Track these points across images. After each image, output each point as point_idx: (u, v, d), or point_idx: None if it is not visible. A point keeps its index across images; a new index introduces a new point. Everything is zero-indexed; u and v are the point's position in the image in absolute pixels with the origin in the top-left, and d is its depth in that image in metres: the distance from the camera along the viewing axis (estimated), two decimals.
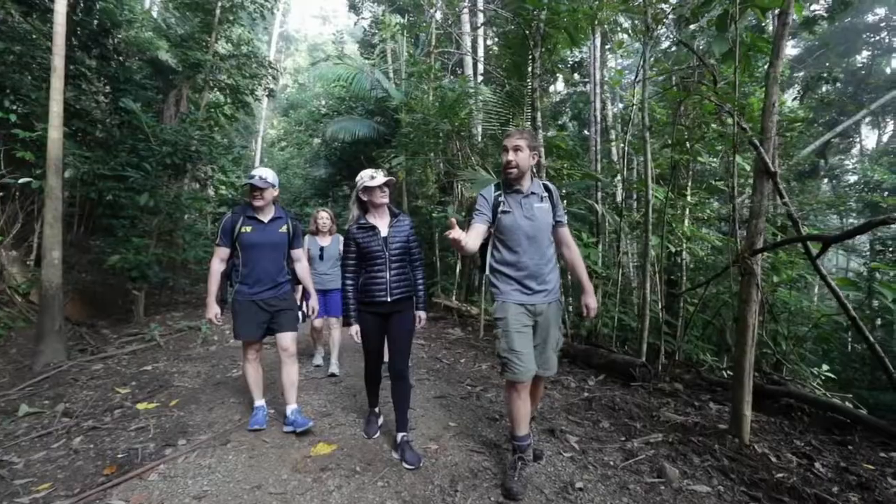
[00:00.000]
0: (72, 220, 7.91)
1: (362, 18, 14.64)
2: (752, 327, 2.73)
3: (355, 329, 2.54)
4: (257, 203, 2.75)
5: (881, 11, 18.90)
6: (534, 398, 2.45)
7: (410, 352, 2.80)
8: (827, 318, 4.82)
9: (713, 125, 3.95)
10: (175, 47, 8.41)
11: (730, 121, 3.15)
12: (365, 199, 2.56)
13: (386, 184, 2.52)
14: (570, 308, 6.22)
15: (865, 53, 19.08)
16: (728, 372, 5.08)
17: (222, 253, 2.80)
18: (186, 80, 8.63)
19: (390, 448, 2.62)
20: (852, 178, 15.96)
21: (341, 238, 4.42)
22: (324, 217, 4.26)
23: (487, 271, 2.38)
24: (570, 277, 5.95)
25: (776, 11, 4.08)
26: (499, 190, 2.35)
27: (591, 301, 2.39)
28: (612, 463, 2.51)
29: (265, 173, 2.77)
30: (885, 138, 19.36)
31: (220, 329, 5.92)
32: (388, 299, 2.53)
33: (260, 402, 3.00)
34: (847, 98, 15.09)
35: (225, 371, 4.22)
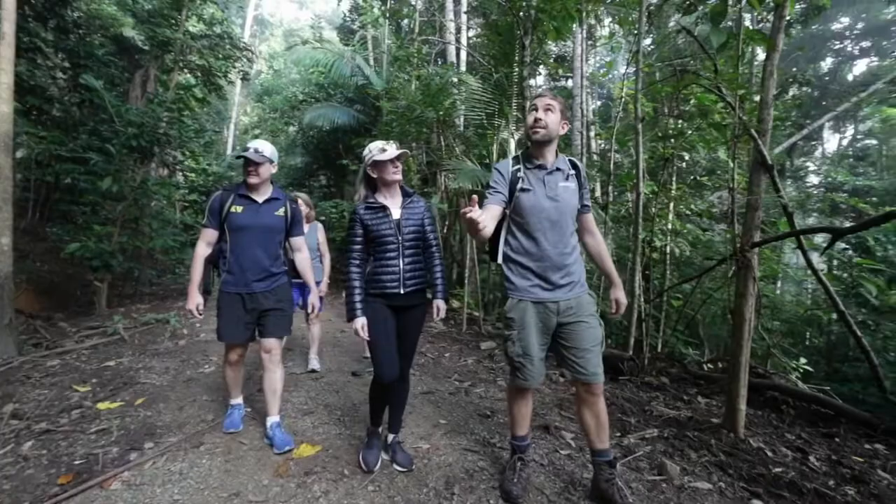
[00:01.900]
0: (25, 205, 7.35)
1: (341, 3, 14.19)
2: (748, 321, 2.70)
3: (361, 323, 2.11)
4: (252, 180, 2.42)
5: (845, 20, 19.71)
6: (599, 422, 1.99)
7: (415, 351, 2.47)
8: (806, 311, 4.91)
9: (716, 116, 3.92)
10: (142, 24, 7.90)
11: (729, 112, 3.10)
12: (374, 175, 2.20)
13: (399, 157, 2.16)
14: None
15: (830, 60, 19.85)
16: (709, 365, 5.14)
17: (209, 235, 2.46)
18: (154, 60, 8.13)
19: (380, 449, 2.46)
20: (815, 179, 16.60)
21: (320, 226, 4.20)
22: (299, 203, 4.02)
23: (500, 260, 2.06)
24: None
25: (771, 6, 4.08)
26: (517, 164, 2.01)
27: (621, 295, 2.08)
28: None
29: (262, 146, 2.46)
30: (844, 142, 20.22)
31: (190, 322, 5.60)
32: (402, 291, 2.17)
33: (237, 399, 2.73)
34: (812, 102, 15.65)
35: (196, 367, 3.96)
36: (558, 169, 2.00)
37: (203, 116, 12.77)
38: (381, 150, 2.16)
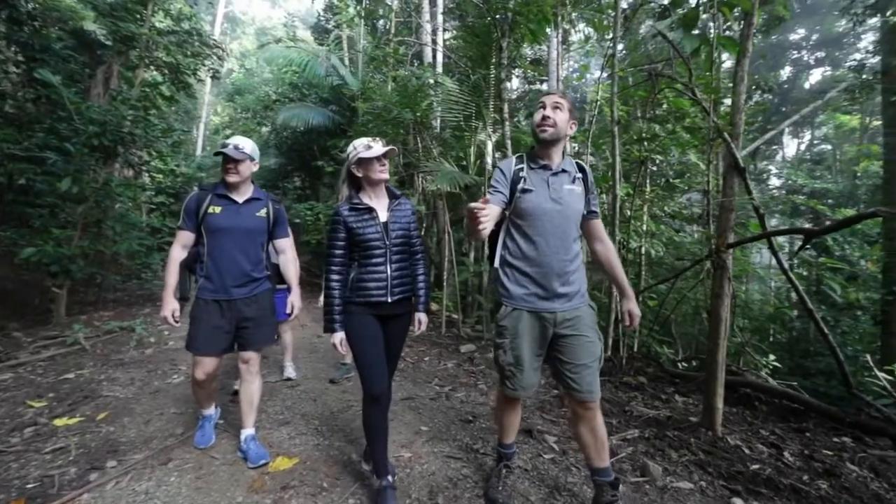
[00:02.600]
0: None
1: (315, 2, 13.97)
2: (724, 321, 2.75)
3: (339, 338, 1.97)
4: (231, 178, 2.26)
5: (802, 31, 20.73)
6: (598, 440, 1.88)
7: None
8: (776, 309, 5.08)
9: (689, 120, 4.01)
10: (103, 17, 7.53)
11: (703, 116, 3.17)
12: (359, 174, 2.03)
13: (386, 154, 2.02)
14: None
15: (789, 69, 20.84)
16: (684, 364, 5.26)
17: (184, 238, 2.29)
18: (118, 56, 7.75)
19: (359, 458, 2.38)
20: (777, 182, 17.35)
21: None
22: None
23: (496, 264, 1.95)
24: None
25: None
26: (521, 163, 1.90)
27: (634, 307, 1.94)
28: None
29: (242, 142, 2.31)
30: (802, 147, 21.22)
31: (158, 329, 5.36)
32: (389, 300, 2.00)
33: (209, 410, 2.57)
34: (773, 108, 16.37)
35: (164, 377, 3.77)
36: (564, 171, 1.90)
37: (171, 115, 12.29)
38: (366, 146, 2.01)
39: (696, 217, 5.99)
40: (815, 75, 20.75)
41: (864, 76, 9.05)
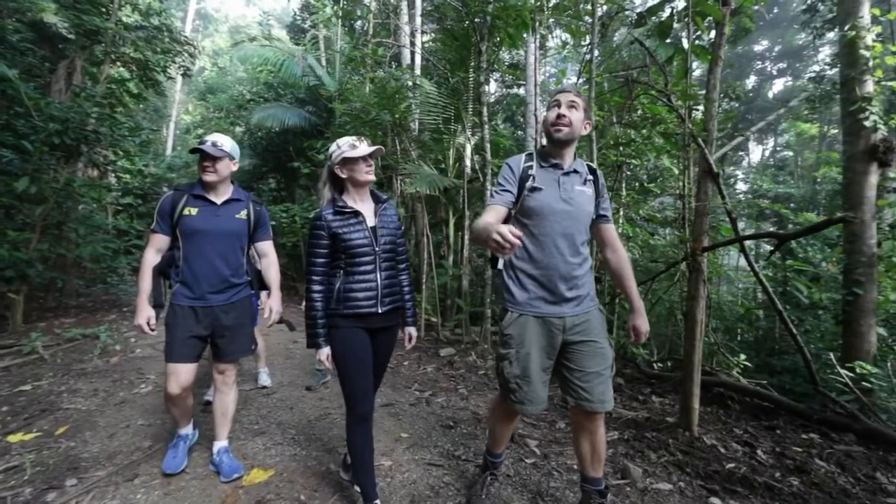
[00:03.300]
0: None
1: (291, 1, 13.75)
2: (700, 323, 2.81)
3: (326, 353, 1.83)
4: (208, 177, 2.12)
5: (765, 43, 21.70)
6: (596, 451, 1.83)
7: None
8: (747, 311, 5.24)
9: (669, 125, 4.10)
10: (65, 10, 7.19)
11: (678, 122, 3.24)
12: (343, 175, 1.89)
13: (372, 154, 1.89)
14: None
15: (754, 78, 21.76)
16: (659, 364, 5.37)
17: (158, 241, 2.15)
18: (81, 50, 7.42)
19: (337, 467, 2.32)
20: (744, 186, 18.03)
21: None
22: None
23: (500, 266, 1.84)
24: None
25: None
26: (530, 161, 1.81)
27: (642, 322, 1.83)
28: (575, 467, 2.42)
29: (221, 139, 2.18)
30: (766, 153, 22.15)
31: (124, 336, 5.12)
32: (379, 310, 1.87)
33: (185, 429, 2.35)
34: (739, 116, 17.03)
35: (130, 387, 3.60)
36: (576, 171, 1.82)
37: (139, 114, 11.88)
38: (351, 145, 1.88)
39: (670, 220, 6.13)
40: (778, 85, 21.75)
41: (822, 87, 9.49)
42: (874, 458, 2.73)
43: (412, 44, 9.71)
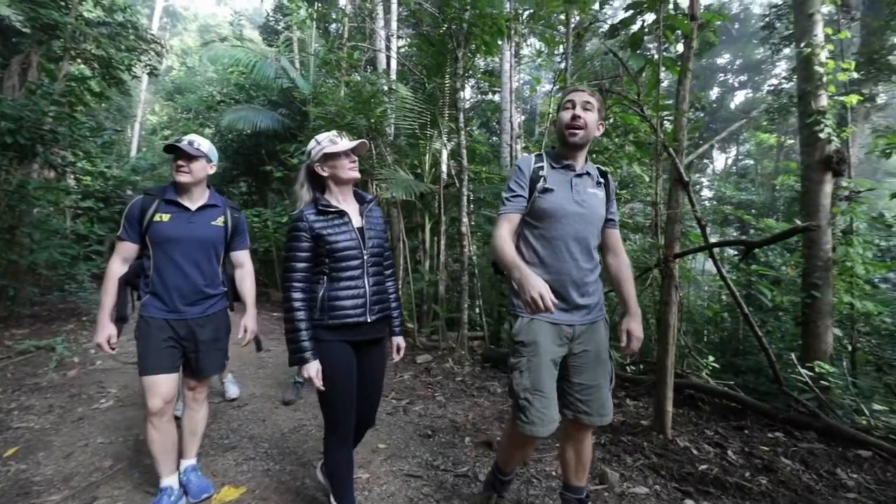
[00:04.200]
0: None
1: (264, 2, 13.49)
2: (672, 327, 2.88)
3: (315, 369, 1.64)
4: (182, 178, 1.96)
5: (727, 56, 22.75)
6: (581, 461, 1.80)
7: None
8: (716, 314, 5.42)
9: (642, 134, 4.21)
10: (19, 2, 6.82)
11: (649, 130, 3.32)
12: (324, 172, 1.76)
13: (355, 149, 1.77)
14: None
15: (717, 89, 22.76)
16: (632, 367, 5.48)
17: (125, 250, 1.98)
18: (38, 45, 7.04)
19: (312, 482, 2.25)
20: (709, 193, 18.77)
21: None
22: None
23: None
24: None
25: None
26: (541, 161, 1.73)
27: (636, 327, 1.72)
28: (553, 473, 2.43)
29: (198, 140, 2.04)
30: (729, 161, 23.13)
31: (84, 348, 4.85)
32: (368, 319, 1.75)
33: (168, 479, 2.03)
34: (704, 126, 17.75)
35: (90, 402, 3.40)
36: (588, 173, 1.75)
37: (101, 113, 11.38)
38: (331, 140, 1.75)
39: (641, 227, 6.30)
40: (740, 96, 22.80)
41: (780, 99, 10.01)
42: (834, 455, 2.85)
43: (388, 48, 9.69)
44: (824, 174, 4.75)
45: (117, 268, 1.98)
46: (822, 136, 4.68)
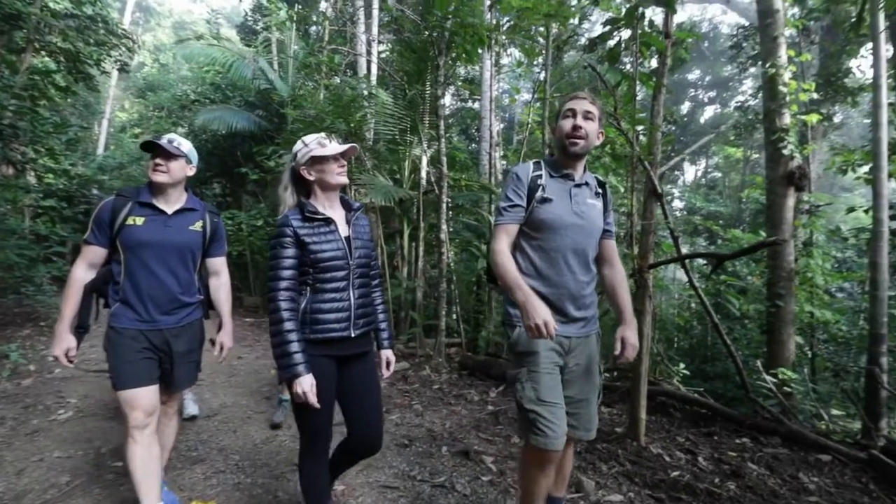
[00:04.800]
0: None
1: (243, 1, 13.27)
2: (647, 336, 2.94)
3: (309, 383, 1.52)
4: (159, 178, 1.82)
5: (697, 72, 23.68)
6: (562, 472, 1.78)
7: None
8: (686, 322, 5.57)
9: (618, 147, 4.31)
10: None
11: (625, 142, 3.41)
12: (311, 176, 1.66)
13: (345, 153, 1.69)
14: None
15: (688, 104, 23.62)
16: (606, 374, 5.57)
17: (92, 254, 1.83)
18: None
19: (285, 495, 2.19)
20: (679, 204, 19.39)
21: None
22: None
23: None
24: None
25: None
26: (539, 169, 1.67)
27: (631, 335, 1.67)
28: None
29: (178, 139, 1.91)
30: (699, 173, 23.99)
31: (41, 354, 4.61)
32: (352, 334, 1.67)
33: None
34: (675, 139, 18.38)
35: (46, 413, 3.22)
36: (586, 184, 1.71)
37: (67, 108, 10.92)
38: (320, 143, 1.66)
39: (616, 237, 6.44)
40: (709, 111, 23.74)
41: (747, 115, 10.45)
42: (797, 459, 2.96)
43: (369, 53, 9.67)
44: (787, 189, 4.98)
45: (82, 273, 1.83)
46: (785, 152, 4.91)
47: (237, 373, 4.57)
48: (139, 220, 1.83)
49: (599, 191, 1.76)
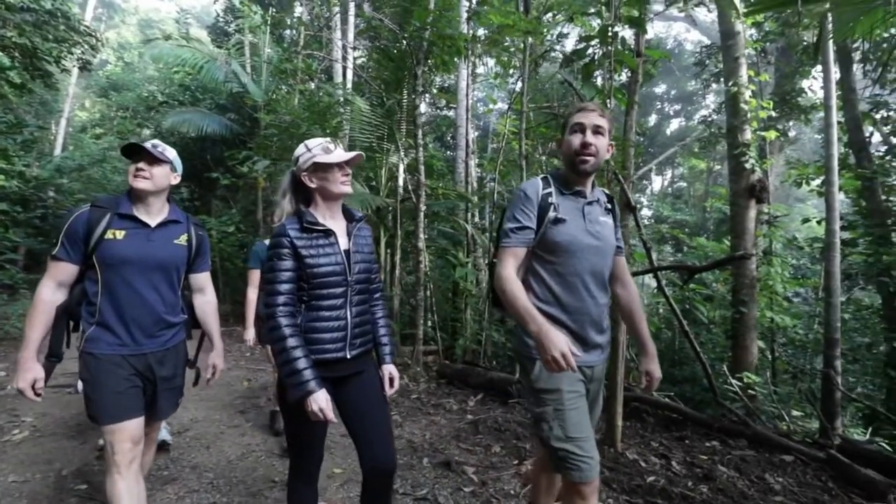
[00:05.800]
0: None
1: (216, 2, 12.96)
2: (622, 344, 3.03)
3: (324, 399, 1.40)
4: (140, 184, 1.66)
5: (663, 86, 24.67)
6: (553, 480, 1.74)
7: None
8: (658, 329, 5.75)
9: None
10: None
11: None
12: (313, 184, 1.55)
13: (349, 161, 1.57)
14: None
15: (655, 117, 24.56)
16: None
17: (62, 272, 1.62)
18: None
19: None
20: (648, 213, 20.06)
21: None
22: None
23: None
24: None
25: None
26: (549, 187, 1.56)
27: (655, 367, 1.61)
28: (512, 492, 2.46)
29: (164, 145, 1.77)
30: (666, 183, 24.92)
31: None
32: (348, 355, 1.54)
33: None
34: (643, 150, 19.05)
35: (0, 434, 3.02)
36: (597, 200, 1.61)
37: (22, 107, 10.34)
38: (324, 149, 1.53)
39: None
40: (675, 124, 24.75)
41: (710, 129, 10.96)
42: (762, 461, 3.10)
43: (344, 59, 9.62)
44: (749, 200, 5.24)
45: (49, 294, 1.61)
46: (747, 166, 5.17)
47: (210, 386, 4.41)
48: (119, 234, 1.65)
49: (608, 206, 1.66)
